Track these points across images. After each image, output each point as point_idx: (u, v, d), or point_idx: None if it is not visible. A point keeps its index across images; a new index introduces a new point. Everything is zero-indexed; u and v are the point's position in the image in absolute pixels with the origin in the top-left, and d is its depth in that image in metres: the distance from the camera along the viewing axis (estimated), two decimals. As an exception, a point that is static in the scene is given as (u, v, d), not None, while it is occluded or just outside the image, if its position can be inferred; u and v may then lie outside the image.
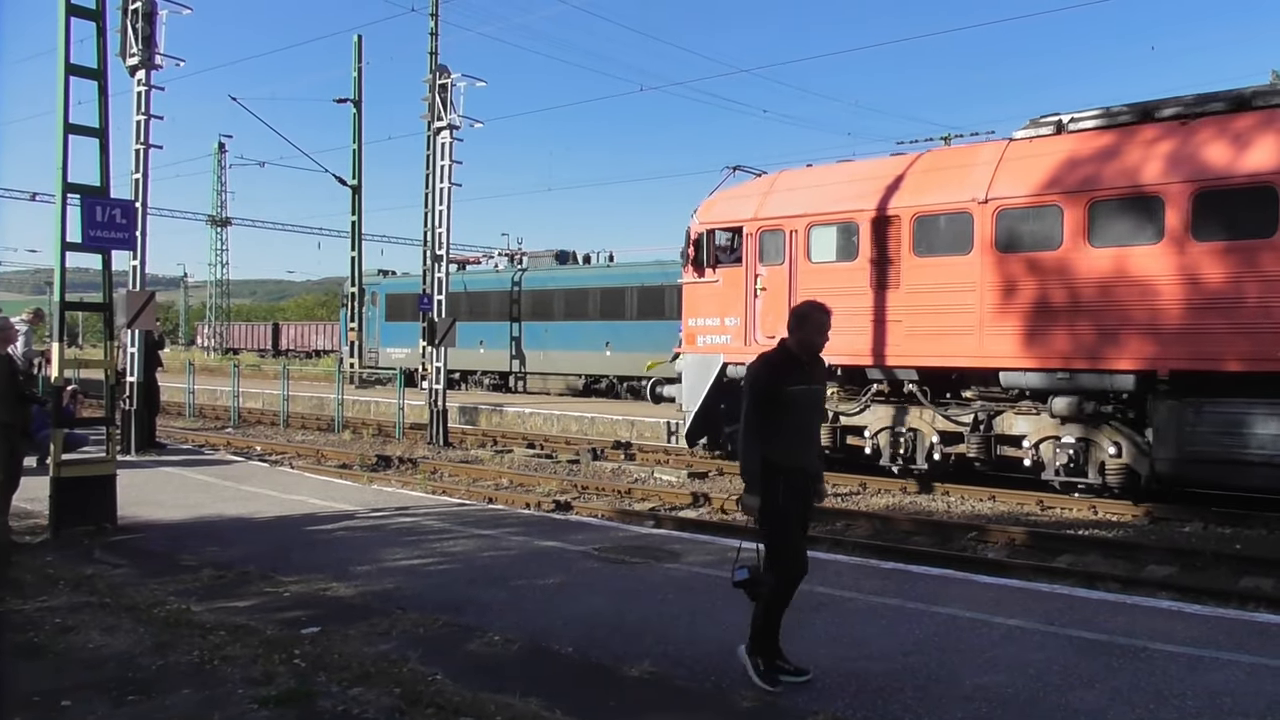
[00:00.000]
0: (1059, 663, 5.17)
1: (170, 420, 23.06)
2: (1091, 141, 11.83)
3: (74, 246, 8.76)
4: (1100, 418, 11.62)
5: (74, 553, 7.88)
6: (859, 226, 13.18)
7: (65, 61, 8.72)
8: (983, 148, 12.99)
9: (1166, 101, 11.67)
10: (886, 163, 13.82)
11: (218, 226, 72.71)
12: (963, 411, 12.70)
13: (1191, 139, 11.01)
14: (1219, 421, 10.48)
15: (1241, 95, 11.07)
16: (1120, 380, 11.21)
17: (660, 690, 4.82)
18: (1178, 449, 10.71)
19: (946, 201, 12.46)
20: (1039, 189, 11.74)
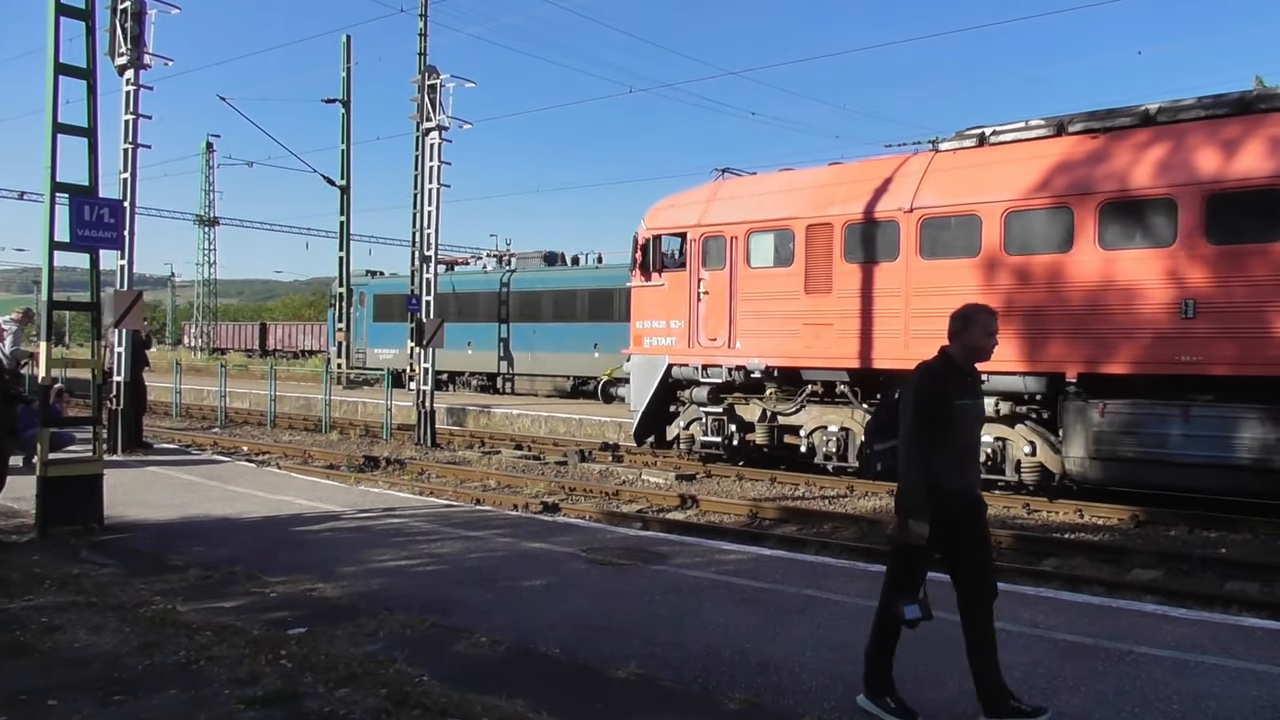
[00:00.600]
0: (1044, 666, 5.20)
1: (157, 420, 22.94)
2: (1010, 154, 12.43)
3: (62, 246, 8.71)
4: (1016, 418, 12.20)
5: (60, 552, 7.84)
6: (795, 233, 13.78)
7: (54, 61, 8.68)
8: (911, 159, 13.44)
9: (1078, 116, 12.19)
10: (823, 172, 14.49)
11: (205, 226, 72.41)
12: None
13: (1099, 153, 11.58)
14: (1120, 422, 11.03)
15: (1147, 112, 11.66)
16: (1033, 382, 11.83)
17: (647, 692, 4.83)
18: (1084, 448, 11.29)
19: (875, 210, 13.03)
20: (960, 199, 12.34)
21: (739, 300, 14.32)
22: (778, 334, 13.94)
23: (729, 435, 14.81)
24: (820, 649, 5.50)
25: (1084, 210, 11.34)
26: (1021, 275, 11.82)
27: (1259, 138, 10.61)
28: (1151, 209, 10.99)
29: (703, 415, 15.04)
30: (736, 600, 6.56)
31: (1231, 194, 10.54)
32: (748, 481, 14.34)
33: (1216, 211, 10.61)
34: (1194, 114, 11.37)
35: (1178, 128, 11.33)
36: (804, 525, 11.23)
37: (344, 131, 33.00)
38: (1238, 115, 11.08)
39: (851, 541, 10.15)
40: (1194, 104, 11.47)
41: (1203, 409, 10.62)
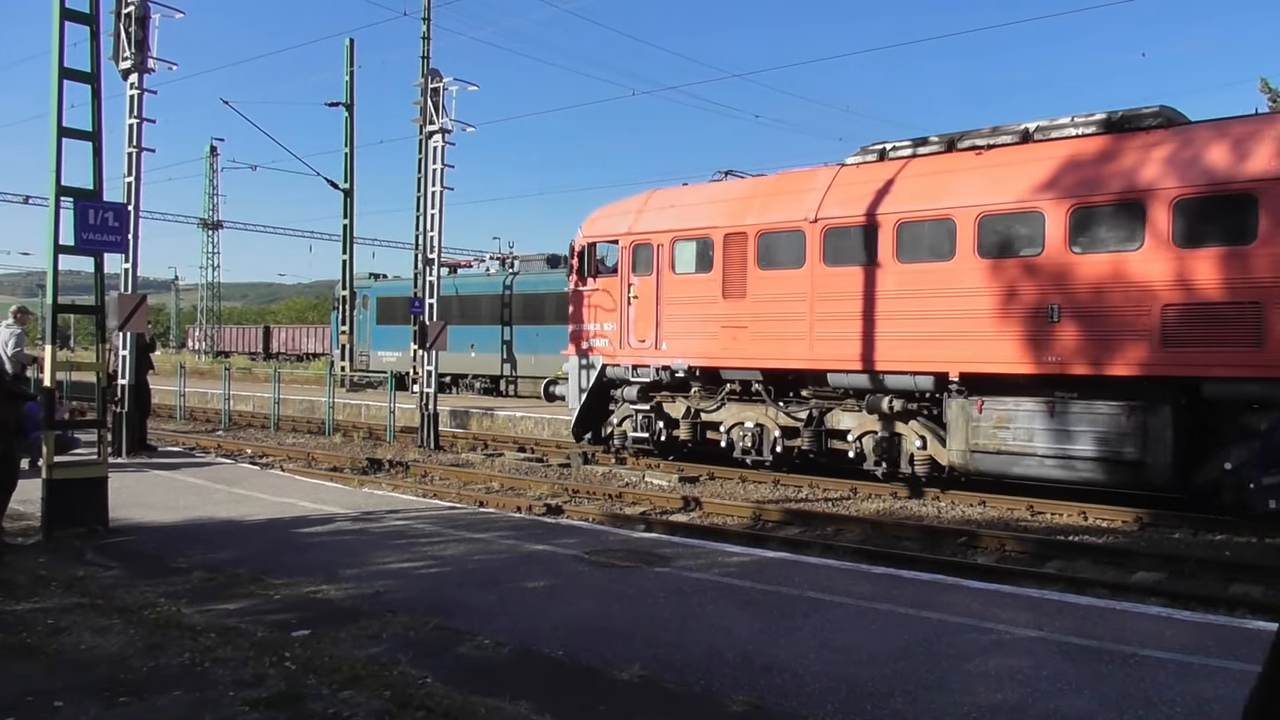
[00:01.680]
0: (1048, 668, 5.19)
1: (161, 423, 22.99)
2: (905, 168, 13.29)
3: (67, 249, 8.74)
4: (909, 414, 13.08)
5: (66, 554, 7.87)
6: (714, 241, 14.73)
7: (59, 65, 8.70)
8: (819, 172, 14.37)
9: (968, 133, 13.12)
10: (743, 184, 15.44)
11: (209, 229, 72.51)
12: (800, 409, 14.21)
13: (981, 168, 12.53)
14: (995, 417, 11.98)
15: (1026, 130, 12.57)
16: (921, 381, 12.75)
17: (650, 694, 4.83)
18: (964, 441, 12.23)
19: (784, 220, 13.99)
20: (858, 210, 13.24)
21: (664, 304, 15.31)
22: (699, 336, 14.89)
23: (657, 431, 15.69)
24: (824, 651, 5.49)
25: (964, 221, 12.24)
26: (913, 281, 12.68)
27: (1117, 156, 11.49)
28: (1022, 221, 11.89)
29: (633, 412, 15.96)
30: (739, 602, 6.56)
31: (1091, 208, 11.40)
32: (750, 484, 14.35)
33: (1079, 223, 11.45)
34: (1066, 132, 12.25)
35: (1051, 145, 12.21)
36: (807, 527, 11.23)
37: (347, 135, 33.07)
38: (1104, 134, 11.91)
39: (855, 544, 10.14)
40: (1067, 123, 12.33)
41: (1065, 405, 11.49)
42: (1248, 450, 10.24)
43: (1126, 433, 11.03)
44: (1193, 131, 11.45)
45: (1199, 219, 10.77)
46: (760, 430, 14.56)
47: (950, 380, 12.44)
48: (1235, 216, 10.56)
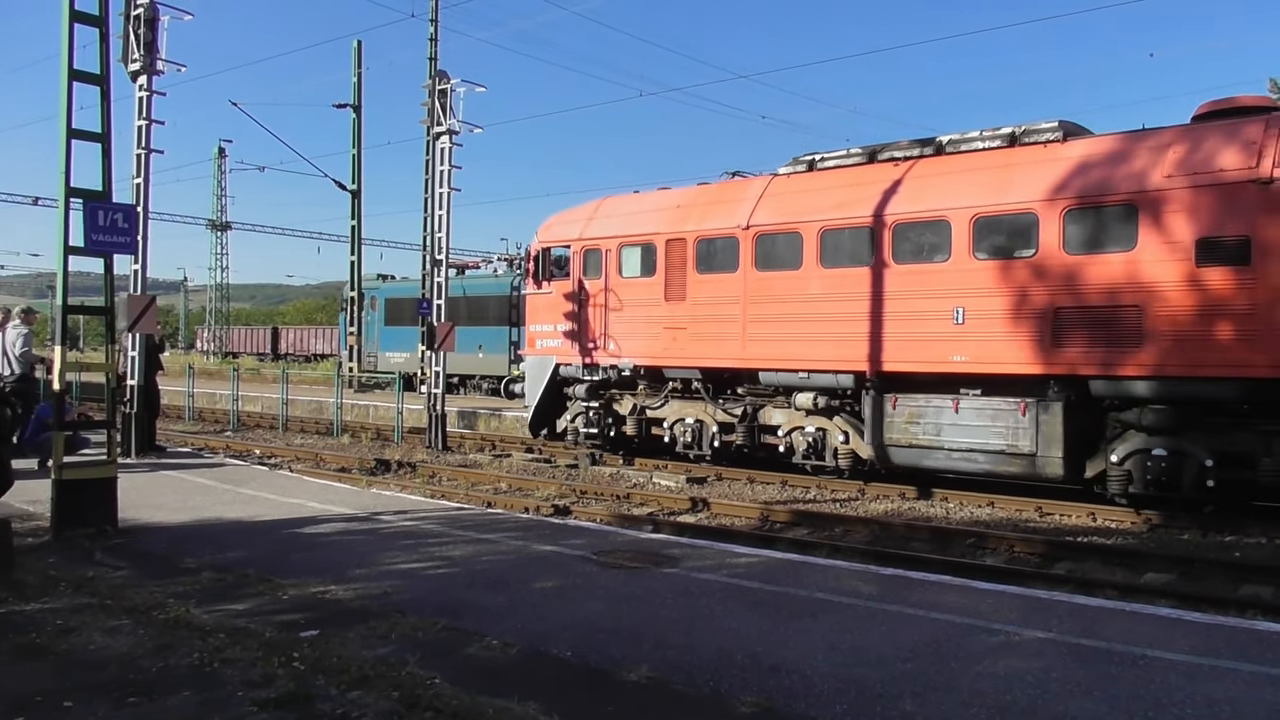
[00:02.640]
0: (1057, 670, 5.17)
1: (170, 423, 23.07)
2: (831, 179, 14.10)
3: (76, 250, 8.76)
4: (833, 411, 13.89)
5: (75, 554, 7.89)
6: (657, 247, 15.52)
7: (69, 67, 8.73)
8: (754, 181, 15.20)
9: (888, 146, 13.86)
10: (686, 192, 16.19)
11: (218, 231, 72.80)
12: (736, 405, 15.00)
13: (897, 179, 13.25)
14: (907, 413, 12.76)
15: (940, 143, 13.31)
16: (843, 379, 13.50)
17: (658, 695, 4.83)
18: (880, 436, 12.98)
19: (720, 227, 14.77)
20: (786, 218, 14.03)
21: (612, 307, 16.16)
22: (644, 337, 15.71)
23: (606, 427, 16.58)
24: (833, 652, 5.48)
25: (881, 229, 12.99)
26: (834, 285, 13.47)
27: (1016, 168, 12.27)
28: (932, 229, 12.62)
29: (584, 409, 16.82)
30: (748, 603, 6.55)
31: (992, 217, 12.14)
32: (759, 484, 14.33)
33: (981, 232, 12.21)
34: (975, 145, 12.99)
35: (961, 158, 12.96)
36: (815, 528, 11.21)
37: (355, 136, 33.10)
38: (1008, 147, 12.65)
39: (863, 545, 10.12)
40: (976, 136, 13.09)
41: (969, 402, 12.26)
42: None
43: (1022, 428, 11.73)
44: (1084, 145, 12.08)
45: (1086, 227, 11.49)
46: (700, 426, 15.43)
47: (868, 378, 13.17)
48: (1118, 225, 11.28)
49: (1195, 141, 11.13)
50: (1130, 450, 11.33)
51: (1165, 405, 11.04)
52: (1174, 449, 11.02)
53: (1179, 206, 10.85)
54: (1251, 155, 10.57)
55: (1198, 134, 11.29)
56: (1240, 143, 10.77)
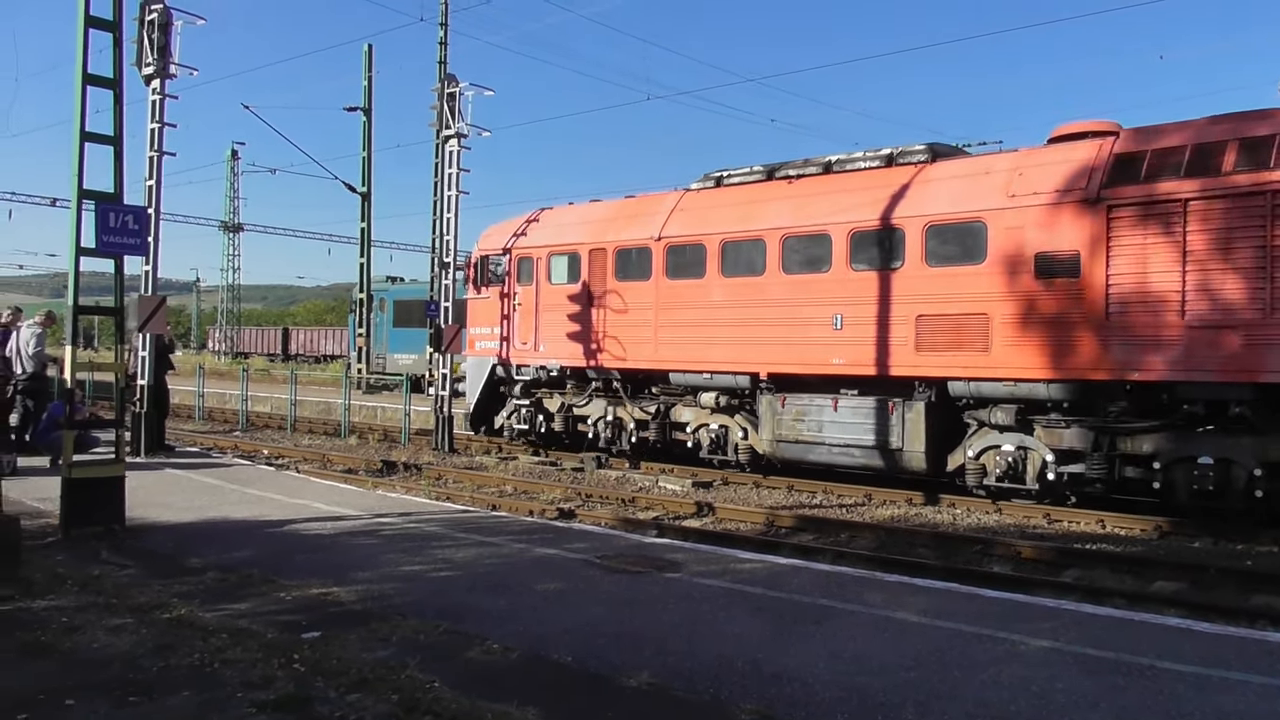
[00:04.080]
0: (1063, 680, 5.12)
1: (180, 423, 23.17)
2: (734, 195, 15.18)
3: (88, 252, 8.83)
4: (733, 409, 14.98)
5: (83, 553, 7.92)
6: (581, 256, 16.66)
7: (83, 71, 8.81)
8: (668, 196, 16.24)
9: (784, 164, 14.95)
10: (610, 205, 17.31)
11: (230, 232, 73.12)
12: (650, 404, 16.11)
13: (789, 195, 14.38)
14: (794, 412, 13.89)
15: (829, 162, 14.42)
16: (740, 380, 14.58)
17: (658, 701, 4.81)
18: (771, 432, 14.15)
19: (636, 238, 15.88)
20: (693, 230, 15.17)
21: (542, 311, 17.28)
22: (569, 340, 16.77)
23: (538, 424, 17.73)
24: (835, 660, 5.45)
25: (772, 241, 14.10)
26: (734, 293, 14.57)
27: (889, 187, 13.26)
28: (816, 242, 13.71)
29: (517, 407, 18.04)
30: (750, 609, 6.53)
31: (866, 232, 13.20)
32: (765, 489, 14.30)
33: (857, 245, 13.31)
34: (858, 165, 14.12)
35: (845, 176, 14.04)
36: (820, 533, 11.17)
37: (365, 139, 33.22)
38: (885, 167, 13.76)
39: (868, 551, 10.08)
40: (860, 157, 14.22)
41: (846, 401, 13.40)
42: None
43: (890, 425, 12.86)
44: (948, 166, 13.19)
45: (944, 242, 12.53)
46: (619, 423, 16.56)
47: (762, 380, 14.33)
48: (970, 240, 12.31)
49: (1038, 163, 12.13)
50: (984, 446, 12.45)
51: (1011, 405, 12.09)
52: (1019, 445, 12.15)
53: (1021, 223, 11.88)
54: (1083, 177, 11.52)
55: (1042, 156, 12.30)
56: (1074, 165, 11.70)
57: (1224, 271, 10.59)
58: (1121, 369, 11.19)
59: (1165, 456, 11.13)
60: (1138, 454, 11.36)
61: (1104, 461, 11.46)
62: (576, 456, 17.01)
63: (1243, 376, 10.49)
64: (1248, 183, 10.50)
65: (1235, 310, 10.51)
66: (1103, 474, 11.46)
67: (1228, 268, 10.58)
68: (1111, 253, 11.21)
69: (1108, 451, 11.49)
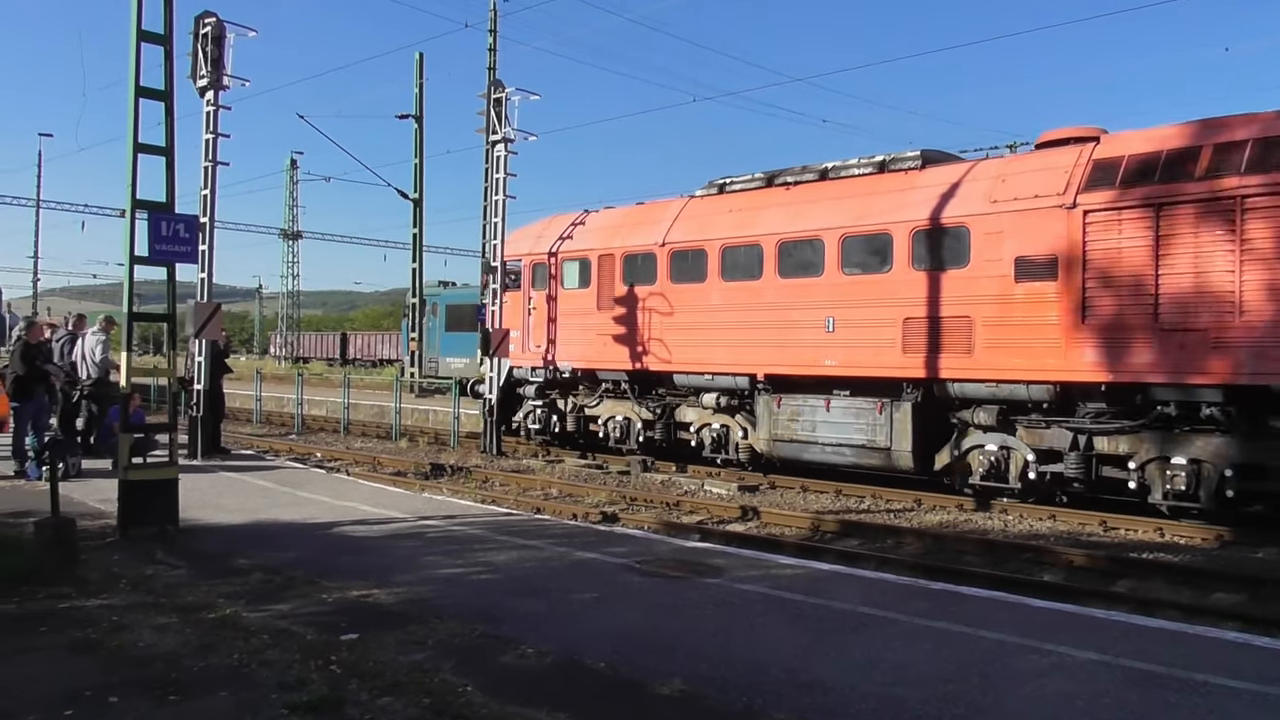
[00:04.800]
0: (1110, 695, 4.96)
1: (238, 426, 23.72)
2: (735, 201, 15.65)
3: (142, 260, 9.05)
4: (734, 409, 15.49)
5: (138, 553, 8.11)
6: (591, 262, 17.32)
7: (135, 84, 9.04)
8: (673, 203, 16.80)
9: (783, 171, 15.41)
10: (620, 212, 17.95)
11: (289, 239, 74.77)
12: (656, 404, 16.69)
13: (785, 201, 14.84)
14: (789, 411, 14.34)
15: (825, 169, 14.85)
16: (740, 381, 15.08)
17: (689, 709, 4.76)
18: (768, 432, 14.62)
19: (642, 244, 16.49)
20: (695, 236, 15.69)
21: (555, 315, 17.96)
22: (580, 343, 17.42)
23: (552, 424, 18.42)
24: (872, 670, 5.35)
25: (769, 246, 14.54)
26: (733, 297, 15.06)
27: (880, 193, 13.68)
28: (809, 247, 14.13)
29: (532, 408, 18.79)
30: (788, 616, 6.45)
31: (856, 237, 13.64)
32: (812, 493, 14.16)
33: (848, 250, 13.70)
34: (852, 171, 14.48)
35: (840, 183, 14.47)
36: (866, 540, 11.01)
37: (417, 146, 33.66)
38: (877, 173, 14.10)
39: (913, 558, 9.91)
40: (854, 164, 14.55)
41: (838, 401, 13.82)
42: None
43: (879, 424, 13.26)
44: (936, 173, 13.43)
45: (930, 247, 12.87)
46: (628, 422, 17.13)
47: (759, 381, 14.79)
48: (955, 245, 12.63)
49: (1021, 170, 12.45)
50: (969, 445, 12.81)
51: (993, 405, 12.47)
52: (1002, 445, 12.51)
53: (1002, 228, 12.17)
54: (1060, 182, 11.79)
55: (1024, 162, 12.66)
56: (1053, 171, 11.98)
57: (1195, 275, 10.77)
58: (1096, 371, 11.45)
59: (1140, 457, 11.39)
60: (1114, 454, 11.64)
61: (1082, 461, 11.74)
62: (623, 460, 17.02)
63: (1212, 379, 10.65)
64: (1217, 187, 10.61)
65: (1205, 313, 10.68)
66: (1081, 473, 11.73)
67: (1198, 271, 10.75)
68: (1088, 257, 11.46)
69: (1085, 451, 11.77)
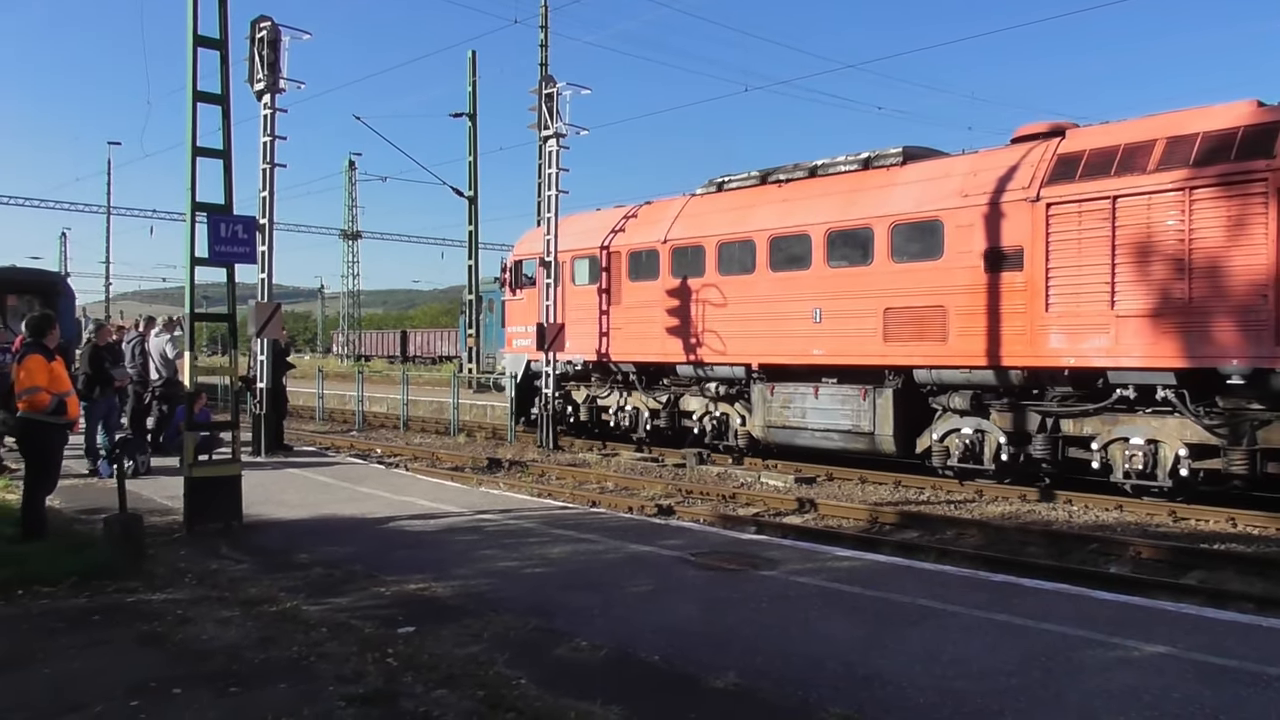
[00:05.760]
0: (1179, 690, 4.80)
1: (302, 423, 24.23)
2: (731, 199, 16.49)
3: (202, 261, 9.26)
4: (732, 398, 16.39)
5: (203, 548, 8.32)
6: (599, 259, 18.23)
7: (193, 89, 9.24)
8: (676, 201, 17.65)
9: (776, 169, 16.14)
10: (626, 210, 18.60)
11: (349, 240, 76.08)
12: (662, 394, 17.66)
13: (776, 198, 15.60)
14: (781, 399, 15.10)
15: (814, 166, 15.52)
16: (737, 371, 15.96)
17: (744, 703, 4.72)
18: (763, 418, 15.40)
19: (646, 241, 17.42)
20: (694, 233, 16.57)
21: (567, 310, 18.77)
22: (590, 336, 18.31)
23: (567, 414, 19.22)
24: (931, 663, 5.25)
25: (761, 241, 15.35)
26: (729, 290, 15.88)
27: (863, 189, 14.34)
28: (798, 241, 14.85)
29: (548, 399, 19.22)
30: (845, 609, 6.36)
31: (841, 231, 14.30)
32: (870, 485, 13.97)
33: (834, 244, 14.40)
34: (839, 169, 15.11)
35: (827, 180, 15.10)
36: (925, 531, 10.83)
37: (471, 143, 33.93)
38: (862, 170, 14.73)
39: (974, 549, 9.71)
40: (841, 161, 15.17)
41: (826, 389, 14.55)
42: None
43: (863, 410, 13.98)
44: (916, 169, 14.02)
45: (907, 240, 13.53)
46: (636, 412, 18.06)
47: (754, 370, 15.61)
48: (930, 238, 13.26)
49: (991, 165, 12.98)
50: (946, 429, 13.46)
51: (968, 390, 13.10)
52: (977, 428, 13.14)
53: (972, 221, 12.77)
54: (1026, 177, 12.37)
55: (995, 157, 13.16)
56: (1019, 166, 12.55)
57: (1148, 264, 11.29)
58: (1060, 356, 12.05)
59: (1102, 438, 11.99)
60: (1079, 435, 12.27)
61: (1049, 443, 12.38)
62: (679, 453, 16.99)
63: (1164, 362, 11.20)
64: (1167, 180, 11.09)
65: (1157, 300, 11.20)
66: (1048, 454, 12.36)
67: (1151, 261, 11.27)
68: (1051, 247, 12.02)
69: (1051, 433, 12.41)
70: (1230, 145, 10.75)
